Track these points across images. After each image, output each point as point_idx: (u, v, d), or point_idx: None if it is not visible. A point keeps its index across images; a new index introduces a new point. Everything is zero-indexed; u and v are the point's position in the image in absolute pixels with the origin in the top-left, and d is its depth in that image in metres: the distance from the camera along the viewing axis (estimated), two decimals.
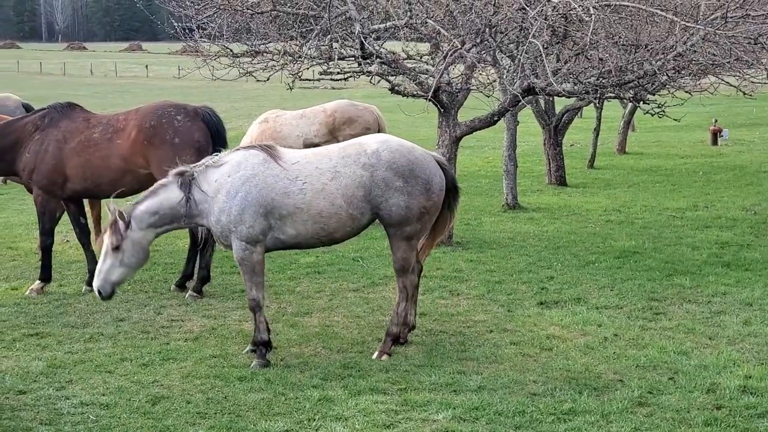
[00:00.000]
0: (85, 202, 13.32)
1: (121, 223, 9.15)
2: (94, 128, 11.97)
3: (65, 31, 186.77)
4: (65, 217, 13.00)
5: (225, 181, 9.12)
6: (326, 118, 16.55)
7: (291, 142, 15.92)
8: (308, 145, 15.73)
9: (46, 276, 12.14)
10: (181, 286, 12.11)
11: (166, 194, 9.24)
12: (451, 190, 9.65)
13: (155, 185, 9.42)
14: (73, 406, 8.14)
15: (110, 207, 9.21)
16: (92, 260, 12.27)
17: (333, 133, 16.12)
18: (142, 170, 11.69)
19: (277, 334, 10.15)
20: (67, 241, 14.86)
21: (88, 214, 13.66)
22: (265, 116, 16.96)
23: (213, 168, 9.26)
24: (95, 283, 9.28)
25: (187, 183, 9.21)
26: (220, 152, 9.81)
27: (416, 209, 9.19)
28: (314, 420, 7.80)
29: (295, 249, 9.91)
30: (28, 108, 22.13)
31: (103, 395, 8.38)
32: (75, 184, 11.95)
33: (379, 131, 16.59)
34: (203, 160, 9.47)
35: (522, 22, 12.64)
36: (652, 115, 15.17)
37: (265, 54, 14.27)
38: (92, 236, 13.07)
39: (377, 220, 9.40)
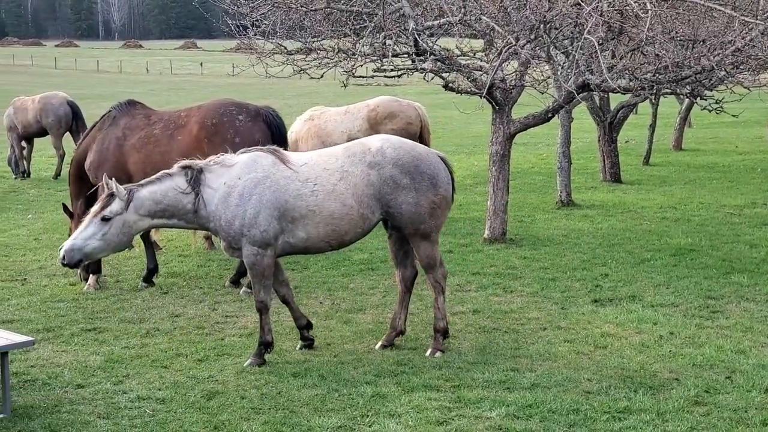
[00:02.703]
0: None
1: (119, 200, 8.78)
2: (155, 125, 12.08)
3: (121, 29, 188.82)
4: None
5: (236, 184, 8.92)
6: (369, 113, 16.53)
7: (335, 138, 15.91)
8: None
9: (95, 268, 12.24)
10: (236, 282, 12.18)
11: (172, 185, 8.94)
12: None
13: (160, 173, 9.07)
14: (130, 400, 8.24)
15: (109, 181, 8.87)
16: (152, 257, 12.40)
17: (375, 128, 16.07)
18: None
19: (331, 330, 10.20)
20: None
21: None
22: (309, 114, 16.93)
23: (221, 167, 9.04)
24: (64, 245, 8.77)
25: (196, 178, 8.95)
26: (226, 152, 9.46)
27: (426, 205, 9.12)
28: (367, 416, 7.82)
29: (304, 254, 9.86)
30: (72, 105, 22.56)
31: (160, 390, 8.47)
32: (137, 180, 12.04)
33: (421, 127, 16.56)
34: (210, 158, 9.21)
35: (577, 17, 12.57)
36: (710, 111, 14.99)
37: (318, 51, 14.32)
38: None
39: (388, 221, 9.32)
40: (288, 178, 8.99)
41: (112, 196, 8.81)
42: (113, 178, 9.11)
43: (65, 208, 12.70)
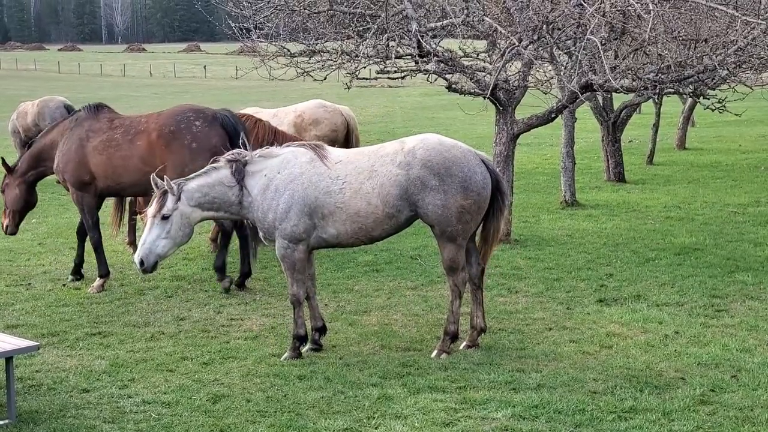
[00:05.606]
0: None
1: (171, 195, 9.17)
2: (116, 129, 12.33)
3: (125, 32, 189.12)
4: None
5: (274, 177, 9.23)
6: (295, 119, 16.32)
7: None
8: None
9: (103, 272, 12.43)
10: (241, 285, 12.20)
11: (218, 177, 9.30)
12: (496, 193, 9.39)
13: (207, 167, 9.45)
14: (135, 404, 8.24)
15: (157, 181, 9.23)
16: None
17: (300, 134, 15.80)
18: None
19: (336, 332, 10.20)
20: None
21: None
22: (244, 114, 16.51)
23: (263, 159, 9.34)
24: (138, 254, 9.24)
25: (240, 170, 9.26)
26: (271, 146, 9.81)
27: (454, 208, 9.08)
28: (374, 418, 7.82)
29: (339, 248, 10.01)
30: (69, 108, 22.70)
31: (165, 394, 8.47)
32: (100, 181, 12.30)
33: (347, 133, 16.33)
34: (256, 151, 9.50)
35: (579, 18, 12.55)
36: (713, 110, 14.99)
37: (322, 53, 14.32)
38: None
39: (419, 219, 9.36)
40: (320, 175, 9.19)
41: (164, 193, 9.19)
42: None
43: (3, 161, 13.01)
